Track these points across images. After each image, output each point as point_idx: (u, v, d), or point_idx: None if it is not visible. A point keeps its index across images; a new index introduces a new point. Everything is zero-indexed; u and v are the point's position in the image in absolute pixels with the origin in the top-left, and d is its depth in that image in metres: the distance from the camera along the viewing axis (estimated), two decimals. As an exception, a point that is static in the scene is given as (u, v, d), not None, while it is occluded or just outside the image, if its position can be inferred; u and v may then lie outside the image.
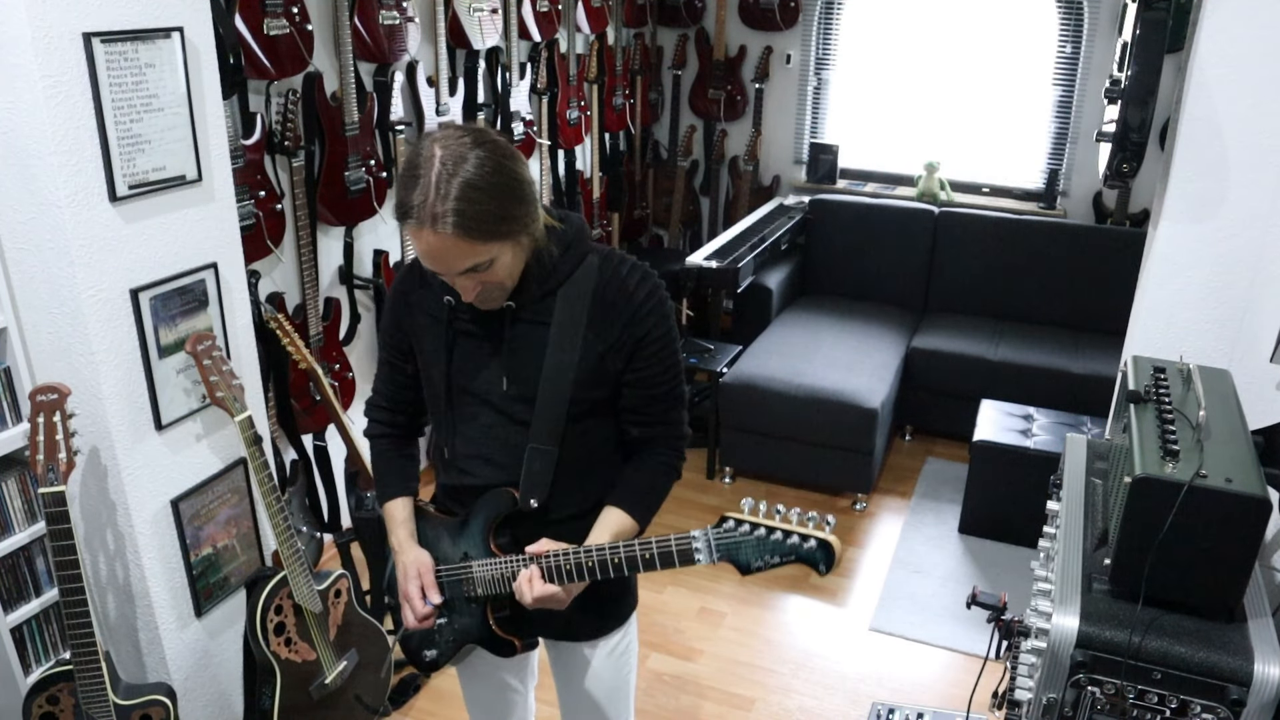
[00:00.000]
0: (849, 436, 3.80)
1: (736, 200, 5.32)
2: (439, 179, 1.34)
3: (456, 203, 1.33)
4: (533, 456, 1.58)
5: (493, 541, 1.64)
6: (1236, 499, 1.45)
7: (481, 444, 1.63)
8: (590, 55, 4.67)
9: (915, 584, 3.42)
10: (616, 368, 1.56)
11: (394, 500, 1.74)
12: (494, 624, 1.69)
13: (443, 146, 1.36)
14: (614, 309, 1.53)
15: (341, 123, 3.03)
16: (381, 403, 1.78)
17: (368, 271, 3.39)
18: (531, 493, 1.60)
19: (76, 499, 2.17)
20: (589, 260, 1.55)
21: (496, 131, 1.46)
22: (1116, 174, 2.22)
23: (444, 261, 1.40)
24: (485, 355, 1.58)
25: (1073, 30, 4.62)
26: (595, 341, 1.53)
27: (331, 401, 2.78)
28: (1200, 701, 1.48)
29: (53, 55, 1.84)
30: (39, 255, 1.98)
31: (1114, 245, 4.37)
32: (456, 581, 1.68)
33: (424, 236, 1.37)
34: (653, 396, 1.59)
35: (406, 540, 1.72)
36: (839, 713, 2.83)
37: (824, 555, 1.39)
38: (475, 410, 1.62)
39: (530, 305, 1.54)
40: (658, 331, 1.55)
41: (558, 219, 1.56)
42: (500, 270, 1.44)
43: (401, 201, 1.38)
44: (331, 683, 2.41)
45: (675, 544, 1.43)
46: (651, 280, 1.56)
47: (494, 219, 1.37)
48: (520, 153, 1.45)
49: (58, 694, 2.08)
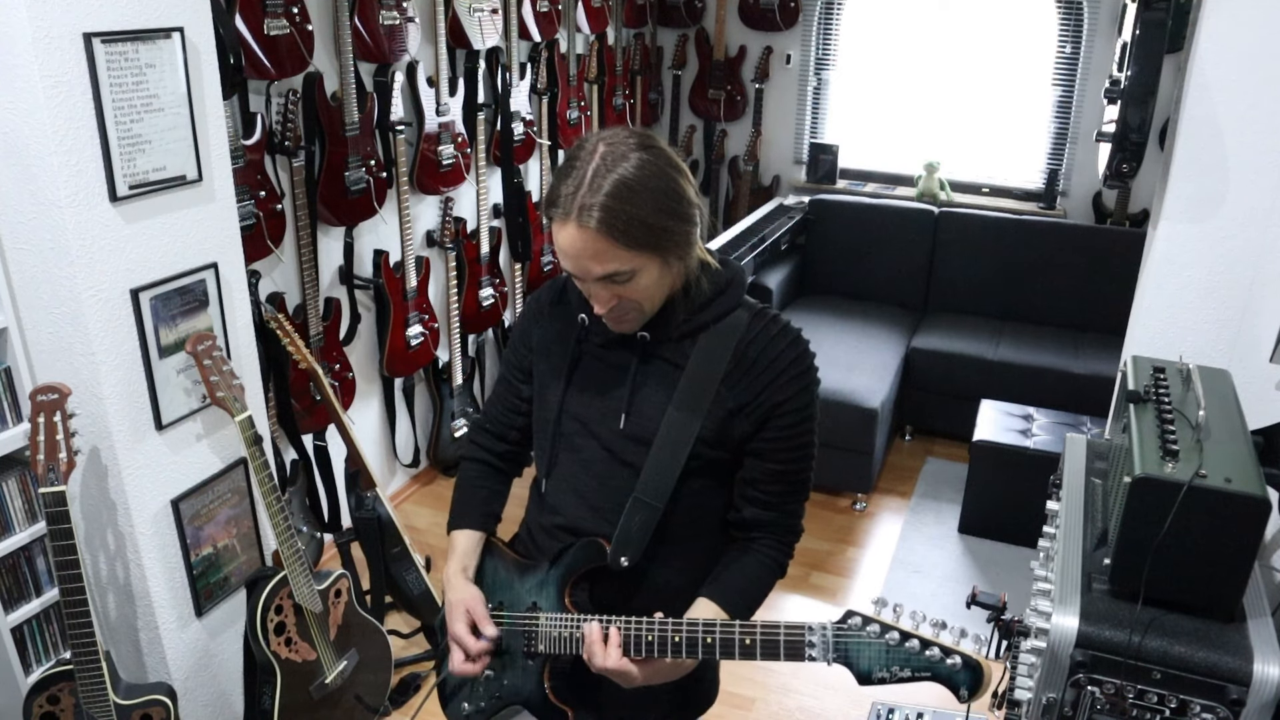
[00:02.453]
0: (849, 436, 3.80)
1: (736, 200, 5.32)
2: (595, 172, 1.26)
3: (607, 198, 1.25)
4: (634, 509, 1.42)
5: (569, 596, 1.46)
6: (1236, 499, 1.45)
7: (580, 479, 1.49)
8: (590, 55, 4.67)
9: (915, 584, 3.42)
10: (745, 431, 1.41)
11: (462, 530, 1.60)
12: (549, 688, 1.49)
13: (607, 144, 1.29)
14: (755, 367, 1.40)
15: (342, 123, 3.03)
16: (487, 425, 1.66)
17: (368, 271, 3.39)
18: (625, 550, 1.42)
19: (77, 499, 2.17)
20: (738, 314, 1.43)
21: (669, 144, 1.36)
22: (1116, 174, 2.22)
23: (581, 260, 1.29)
24: (607, 385, 1.46)
25: (1073, 30, 4.62)
26: (728, 397, 1.39)
27: (331, 401, 2.78)
28: (1200, 701, 1.48)
29: (53, 55, 1.84)
30: (39, 255, 1.98)
31: (1114, 245, 4.37)
32: (517, 634, 1.51)
33: (567, 229, 1.27)
34: (775, 474, 1.44)
35: (456, 575, 1.55)
36: (839, 713, 2.83)
37: (968, 679, 1.17)
38: (582, 442, 1.48)
39: (667, 343, 1.42)
40: (798, 402, 1.41)
41: (718, 261, 1.45)
42: (641, 287, 1.33)
43: (552, 190, 1.29)
44: (332, 683, 2.41)
45: (785, 634, 1.27)
46: (802, 346, 1.43)
47: (643, 225, 1.27)
48: (688, 170, 1.35)
49: (58, 693, 2.08)
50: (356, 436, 2.90)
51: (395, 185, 3.36)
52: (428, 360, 3.68)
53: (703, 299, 1.41)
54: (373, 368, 3.53)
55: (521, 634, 1.50)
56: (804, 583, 3.44)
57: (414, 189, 3.50)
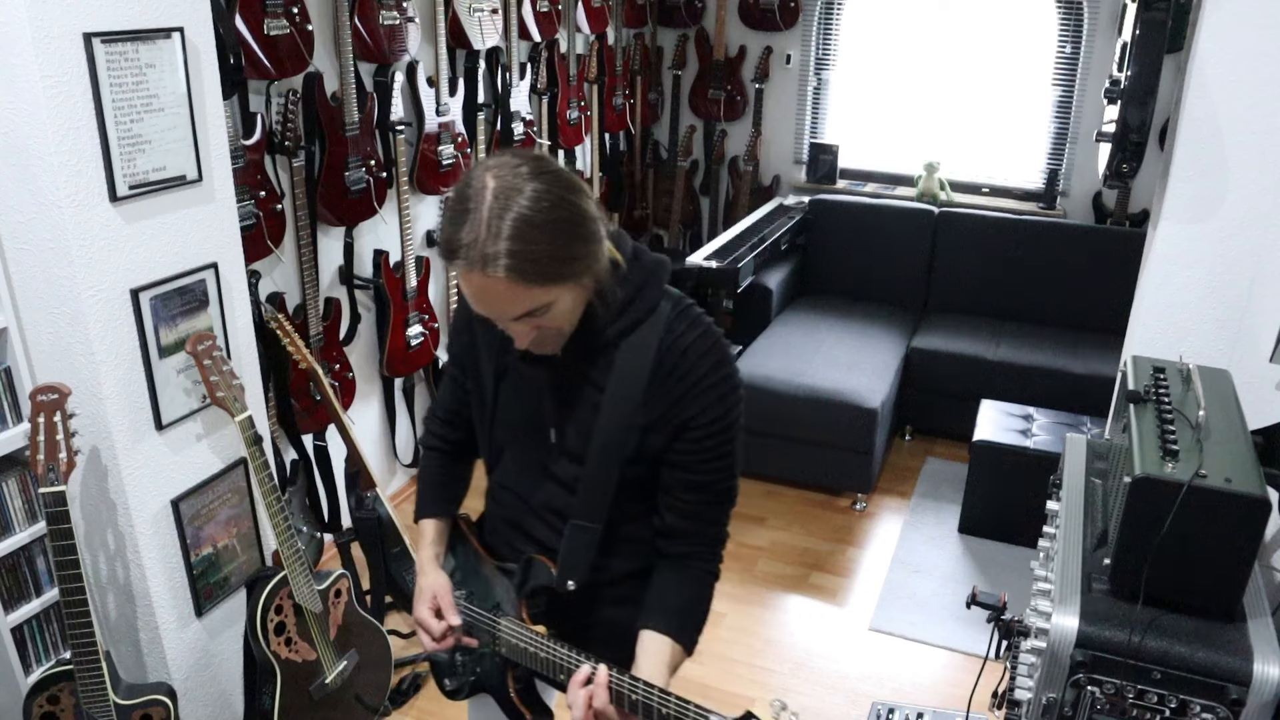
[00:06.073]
0: (849, 436, 3.80)
1: (736, 200, 5.32)
2: (491, 215, 1.18)
3: (510, 242, 1.17)
4: (574, 534, 1.43)
5: (525, 609, 1.50)
6: (1236, 499, 1.46)
7: (520, 482, 1.51)
8: (590, 55, 4.67)
9: (915, 584, 3.42)
10: (659, 445, 1.39)
11: (427, 519, 1.64)
12: (513, 692, 1.57)
13: (495, 177, 1.20)
14: (670, 379, 1.35)
15: (342, 123, 3.03)
16: (439, 414, 1.67)
17: (368, 271, 3.39)
18: (570, 574, 1.44)
19: (77, 499, 2.17)
20: (660, 309, 1.37)
21: (558, 161, 1.30)
22: (1116, 174, 2.22)
23: (496, 307, 1.25)
24: (532, 401, 1.45)
25: (1073, 30, 4.62)
26: (641, 414, 1.37)
27: (331, 401, 2.78)
28: (1200, 701, 1.48)
29: (53, 55, 1.84)
30: (39, 255, 1.98)
31: (1114, 245, 4.37)
32: (483, 630, 1.57)
33: (473, 280, 1.21)
34: (693, 484, 1.41)
35: (429, 563, 1.60)
36: (839, 713, 2.83)
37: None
38: (517, 451, 1.50)
39: (587, 357, 1.38)
40: (713, 414, 1.36)
41: (628, 255, 1.38)
42: (559, 315, 1.28)
43: (448, 240, 1.21)
44: (331, 682, 2.41)
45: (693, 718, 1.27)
46: (718, 356, 1.37)
47: (553, 260, 1.21)
48: (584, 184, 1.29)
49: (58, 693, 2.08)
50: (356, 436, 2.90)
51: (395, 185, 3.36)
52: (428, 360, 3.68)
53: (619, 304, 1.36)
54: (373, 368, 3.53)
55: (486, 631, 1.57)
56: (804, 583, 3.44)
57: (414, 189, 3.50)
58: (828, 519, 3.85)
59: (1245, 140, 2.16)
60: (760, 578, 3.47)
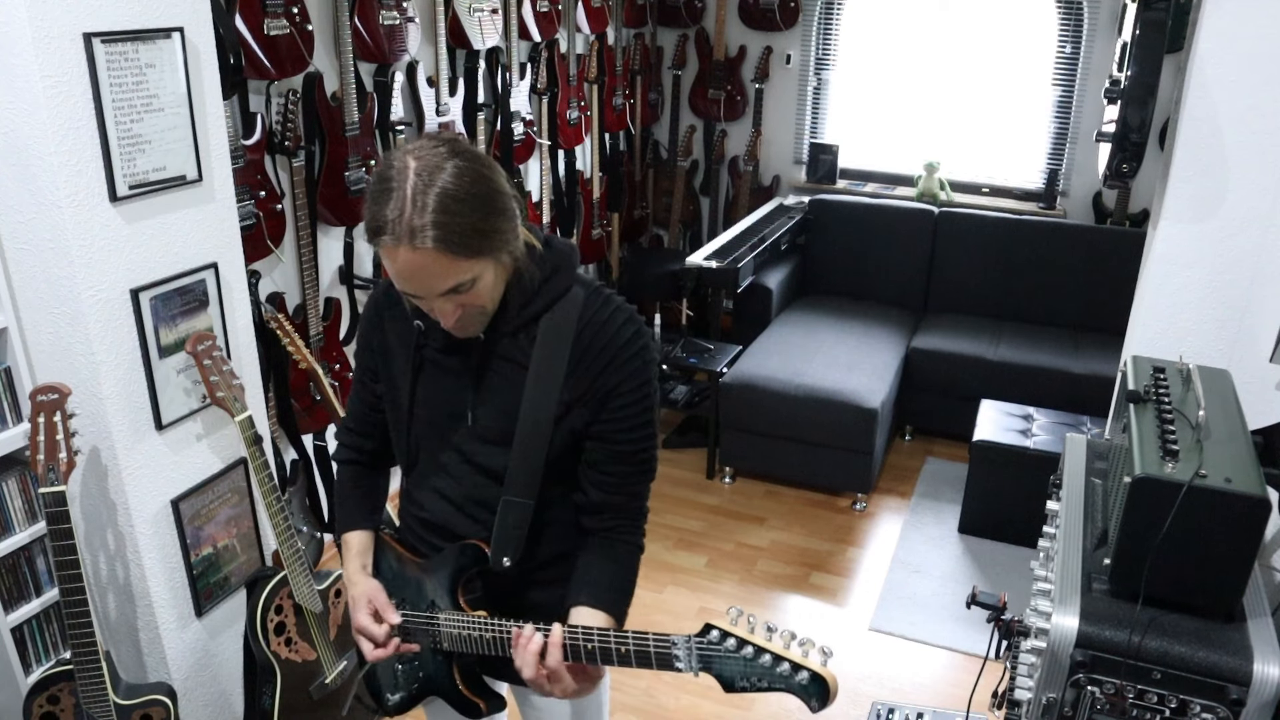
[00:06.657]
0: (849, 436, 3.81)
1: (736, 200, 5.32)
2: (415, 190, 1.23)
3: (436, 214, 1.22)
4: (506, 510, 1.46)
5: (462, 596, 1.51)
6: (1236, 499, 1.45)
7: (438, 479, 1.54)
8: (590, 55, 4.67)
9: (915, 584, 3.42)
10: (584, 418, 1.43)
11: (351, 532, 1.65)
12: (461, 685, 1.57)
13: (416, 157, 1.26)
14: (590, 352, 1.41)
15: (342, 123, 3.03)
16: (350, 425, 1.69)
17: (368, 271, 3.39)
18: (504, 551, 1.47)
19: (77, 499, 2.17)
20: (574, 293, 1.44)
21: (470, 142, 1.36)
22: (1116, 174, 2.22)
23: (424, 281, 1.28)
24: (452, 389, 1.48)
25: (1073, 30, 4.62)
26: (565, 390, 1.42)
27: (331, 401, 2.79)
28: (1200, 701, 1.48)
29: (53, 55, 1.84)
30: (39, 255, 1.98)
31: (1114, 245, 4.38)
32: (423, 631, 1.56)
33: (400, 254, 1.25)
34: (618, 455, 1.45)
35: (358, 573, 1.61)
36: (839, 713, 2.83)
37: (816, 690, 1.20)
38: (435, 445, 1.52)
39: (507, 337, 1.43)
40: (634, 382, 1.42)
41: (540, 240, 1.44)
42: (483, 291, 1.33)
43: (373, 218, 1.25)
44: (332, 682, 2.41)
45: (654, 646, 1.30)
46: (636, 325, 1.43)
47: (476, 232, 1.26)
48: (498, 165, 1.36)
49: (58, 693, 2.08)
50: (356, 436, 2.89)
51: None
52: (428, 360, 3.67)
53: (535, 284, 1.41)
54: (373, 368, 3.53)
55: (426, 633, 1.55)
56: (804, 583, 3.44)
57: (414, 189, 3.49)
58: (828, 519, 3.85)
59: (1245, 140, 2.16)
60: (760, 578, 3.47)
